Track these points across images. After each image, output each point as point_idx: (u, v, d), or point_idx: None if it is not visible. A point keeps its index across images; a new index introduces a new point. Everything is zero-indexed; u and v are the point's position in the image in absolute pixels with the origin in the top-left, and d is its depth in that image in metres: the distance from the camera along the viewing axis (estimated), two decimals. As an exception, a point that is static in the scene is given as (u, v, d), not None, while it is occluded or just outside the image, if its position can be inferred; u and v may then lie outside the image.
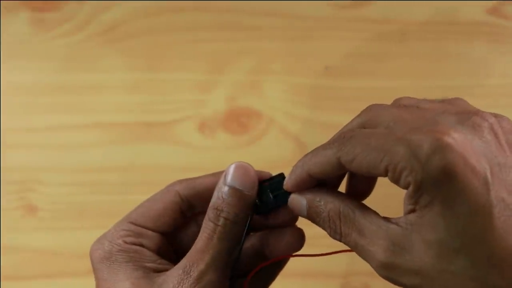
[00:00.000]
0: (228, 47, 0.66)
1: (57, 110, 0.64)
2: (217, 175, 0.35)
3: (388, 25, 0.67)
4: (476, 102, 0.31)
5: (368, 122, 0.29)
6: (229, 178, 0.32)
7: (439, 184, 0.24)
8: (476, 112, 0.27)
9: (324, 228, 0.31)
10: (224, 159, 0.62)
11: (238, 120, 0.64)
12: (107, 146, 0.63)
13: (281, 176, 0.33)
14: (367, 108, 0.30)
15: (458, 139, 0.24)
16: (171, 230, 0.35)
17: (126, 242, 0.33)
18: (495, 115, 0.27)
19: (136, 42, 0.66)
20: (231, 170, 0.33)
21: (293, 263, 0.60)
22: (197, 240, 0.32)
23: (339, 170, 0.28)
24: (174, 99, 0.65)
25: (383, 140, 0.26)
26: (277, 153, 0.63)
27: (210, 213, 0.32)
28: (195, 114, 0.64)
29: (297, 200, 0.31)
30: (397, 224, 0.26)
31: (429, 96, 0.66)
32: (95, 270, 0.33)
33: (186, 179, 0.36)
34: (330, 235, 0.30)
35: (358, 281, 0.59)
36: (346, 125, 0.31)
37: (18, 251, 0.60)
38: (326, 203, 0.29)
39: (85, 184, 0.62)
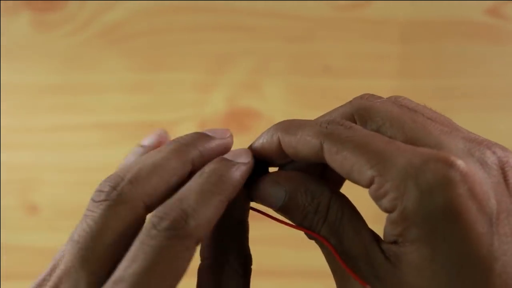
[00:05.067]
0: (228, 47, 0.66)
1: (58, 110, 0.64)
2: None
3: (388, 25, 0.67)
4: (476, 102, 0.31)
5: (358, 112, 0.24)
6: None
7: (435, 223, 0.20)
8: (487, 145, 0.22)
9: (297, 222, 0.24)
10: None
11: (238, 120, 0.64)
12: (108, 146, 0.63)
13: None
14: (358, 96, 0.25)
15: (468, 173, 0.20)
16: None
17: None
18: (503, 149, 0.23)
19: (137, 43, 0.66)
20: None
21: (292, 263, 0.60)
22: None
23: (317, 159, 0.23)
24: (174, 99, 0.65)
25: (381, 144, 0.21)
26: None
27: None
28: (195, 114, 0.64)
29: (273, 191, 0.24)
30: (382, 252, 0.22)
31: (429, 96, 0.66)
32: None
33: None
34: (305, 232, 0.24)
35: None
36: (330, 112, 0.25)
37: (18, 250, 0.60)
38: (313, 196, 0.24)
39: (86, 184, 0.62)
